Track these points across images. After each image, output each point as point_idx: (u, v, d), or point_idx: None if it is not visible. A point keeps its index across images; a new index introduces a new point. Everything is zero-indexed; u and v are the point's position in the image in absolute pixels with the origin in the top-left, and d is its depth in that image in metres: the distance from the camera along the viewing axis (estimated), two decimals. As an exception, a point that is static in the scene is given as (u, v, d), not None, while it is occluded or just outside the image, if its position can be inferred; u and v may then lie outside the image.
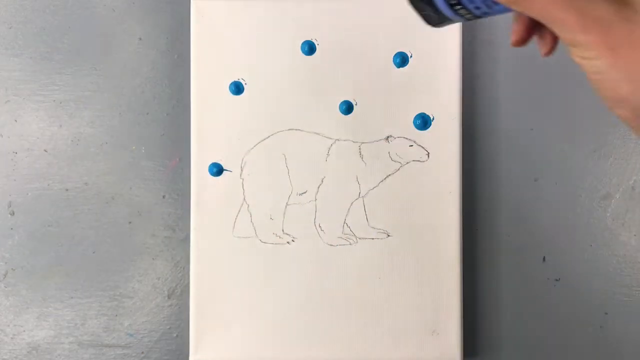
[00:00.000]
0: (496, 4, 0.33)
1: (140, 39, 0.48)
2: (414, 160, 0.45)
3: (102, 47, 0.48)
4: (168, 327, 0.48)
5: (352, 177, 0.45)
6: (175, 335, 0.47)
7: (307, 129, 0.45)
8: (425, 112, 0.44)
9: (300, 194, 0.45)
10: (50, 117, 0.48)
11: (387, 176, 0.45)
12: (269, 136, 0.45)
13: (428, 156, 0.45)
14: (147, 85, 0.48)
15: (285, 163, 0.45)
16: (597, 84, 0.25)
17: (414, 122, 0.45)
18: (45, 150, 0.48)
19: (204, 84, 0.45)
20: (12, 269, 0.48)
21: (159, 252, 0.48)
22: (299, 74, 0.45)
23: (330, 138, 0.45)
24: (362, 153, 0.45)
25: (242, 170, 0.45)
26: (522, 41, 0.29)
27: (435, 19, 0.38)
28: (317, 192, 0.45)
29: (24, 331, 0.48)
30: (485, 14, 0.34)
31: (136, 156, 0.48)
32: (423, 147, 0.45)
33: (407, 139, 0.45)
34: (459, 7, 0.35)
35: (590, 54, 0.24)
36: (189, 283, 0.45)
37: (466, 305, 0.46)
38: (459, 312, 0.44)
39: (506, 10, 0.29)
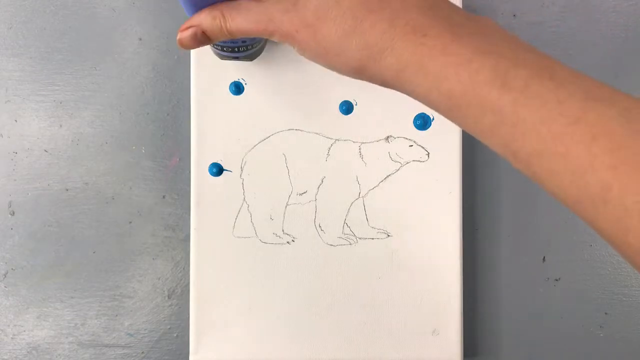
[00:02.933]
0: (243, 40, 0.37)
1: (140, 39, 0.48)
2: (414, 160, 0.45)
3: (102, 47, 0.48)
4: (168, 327, 0.48)
5: (352, 177, 0.45)
6: (175, 335, 0.47)
7: (307, 129, 0.45)
8: (425, 112, 0.44)
9: (300, 194, 0.45)
10: (51, 117, 0.48)
11: (387, 176, 0.45)
12: (269, 136, 0.45)
13: (428, 156, 0.45)
14: (147, 85, 0.48)
15: (285, 163, 0.45)
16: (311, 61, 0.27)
17: (414, 122, 0.45)
18: (46, 150, 0.48)
19: (204, 84, 0.45)
20: (12, 269, 0.48)
21: (159, 252, 0.48)
22: (299, 74, 0.45)
23: (330, 138, 0.45)
24: (362, 153, 0.45)
25: (242, 170, 0.45)
26: None
27: (246, 58, 0.41)
28: (317, 192, 0.45)
29: (24, 331, 0.48)
30: (253, 41, 0.38)
31: (136, 156, 0.48)
32: (423, 147, 0.44)
33: (407, 139, 0.45)
34: (234, 48, 0.37)
35: (291, 45, 0.27)
36: (189, 283, 0.45)
37: (466, 305, 0.46)
38: (459, 312, 0.44)
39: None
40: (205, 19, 0.28)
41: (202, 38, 0.29)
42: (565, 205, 0.23)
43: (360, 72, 0.26)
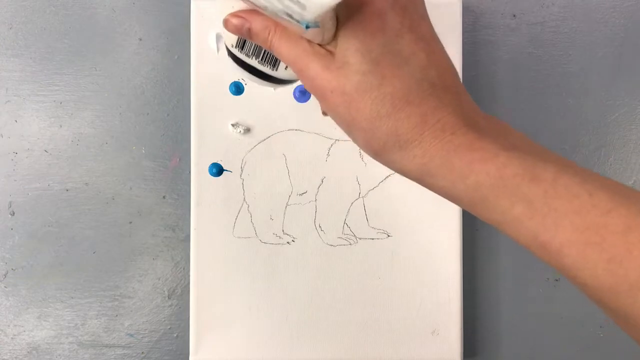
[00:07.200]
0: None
1: (140, 39, 0.48)
2: (414, 160, 0.45)
3: (102, 47, 0.48)
4: (168, 327, 0.48)
5: (352, 177, 0.45)
6: (175, 335, 0.47)
7: (307, 129, 0.45)
8: (425, 112, 0.44)
9: (300, 194, 0.45)
10: (51, 117, 0.48)
11: (387, 176, 0.45)
12: (269, 136, 0.45)
13: (428, 156, 0.44)
14: (147, 85, 0.48)
15: (285, 163, 0.45)
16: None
17: (414, 122, 0.44)
18: (46, 151, 0.48)
19: (204, 84, 0.45)
20: (12, 269, 0.48)
21: (159, 252, 0.48)
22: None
23: (330, 138, 0.45)
24: (362, 153, 0.45)
25: (242, 170, 0.45)
26: None
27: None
28: (317, 192, 0.45)
29: (24, 331, 0.48)
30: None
31: (136, 156, 0.48)
32: (423, 147, 0.44)
33: (407, 139, 0.45)
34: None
35: (317, 99, 0.27)
36: (189, 283, 0.45)
37: (466, 305, 0.46)
38: (459, 312, 0.44)
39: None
40: (258, 23, 0.28)
41: (246, 33, 0.29)
42: (594, 294, 0.23)
43: (378, 154, 0.27)
